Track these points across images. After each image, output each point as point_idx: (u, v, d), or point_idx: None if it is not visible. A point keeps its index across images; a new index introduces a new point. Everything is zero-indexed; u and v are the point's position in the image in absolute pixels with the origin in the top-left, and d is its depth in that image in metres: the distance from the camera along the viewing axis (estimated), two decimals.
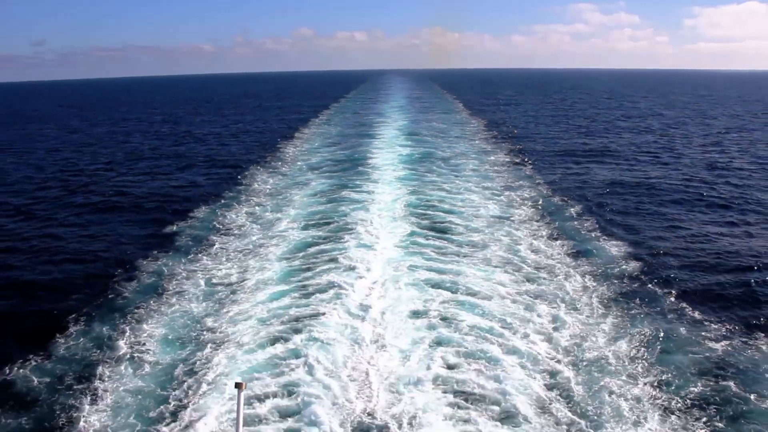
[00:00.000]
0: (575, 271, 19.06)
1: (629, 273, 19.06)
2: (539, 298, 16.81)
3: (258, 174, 36.29)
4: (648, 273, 19.20)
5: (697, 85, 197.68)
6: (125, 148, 52.66)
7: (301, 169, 37.65)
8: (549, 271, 19.01)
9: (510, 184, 32.11)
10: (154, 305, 16.85)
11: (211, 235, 23.43)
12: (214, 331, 15.20)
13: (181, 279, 18.85)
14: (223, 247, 21.97)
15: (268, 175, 36.03)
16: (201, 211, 27.39)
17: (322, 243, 21.58)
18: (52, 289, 18.92)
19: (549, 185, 32.13)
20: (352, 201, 27.57)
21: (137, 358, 14.01)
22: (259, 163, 40.09)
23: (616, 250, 21.33)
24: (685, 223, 26.09)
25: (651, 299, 17.11)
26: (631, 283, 18.23)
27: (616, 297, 17.09)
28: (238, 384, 7.38)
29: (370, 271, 18.55)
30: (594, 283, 18.10)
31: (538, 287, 17.66)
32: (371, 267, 18.94)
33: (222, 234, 23.56)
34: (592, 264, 19.71)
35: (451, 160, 39.36)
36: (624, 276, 18.80)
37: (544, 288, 17.59)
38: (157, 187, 34.65)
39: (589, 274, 18.76)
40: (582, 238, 22.76)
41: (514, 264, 19.55)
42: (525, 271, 18.98)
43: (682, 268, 20.15)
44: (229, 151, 48.93)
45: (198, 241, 22.81)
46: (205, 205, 28.54)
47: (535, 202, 28.06)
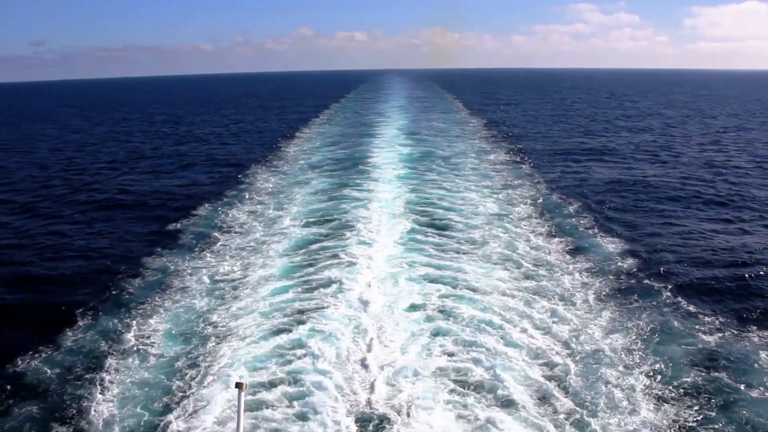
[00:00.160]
0: (573, 267, 19.38)
1: (626, 269, 19.39)
2: (537, 293, 17.14)
3: (259, 173, 36.62)
4: (644, 269, 19.54)
5: (697, 85, 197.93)
6: (127, 147, 53.03)
7: (302, 168, 37.98)
8: (547, 267, 19.33)
9: (509, 182, 32.43)
10: (158, 300, 17.19)
11: (214, 232, 23.77)
12: (217, 324, 15.54)
13: (185, 275, 19.17)
14: (225, 244, 22.30)
15: (269, 174, 36.36)
16: (203, 209, 27.74)
17: (324, 240, 21.92)
18: (60, 284, 19.36)
19: (548, 183, 32.45)
20: (352, 199, 27.90)
21: (143, 351, 14.34)
22: (261, 163, 40.43)
23: (613, 246, 21.65)
24: (681, 220, 26.44)
25: (647, 294, 17.45)
26: (628, 279, 18.57)
27: (612, 292, 17.43)
28: (239, 384, 7.42)
29: (370, 267, 18.87)
30: (591, 278, 18.43)
31: (537, 283, 17.98)
32: (372, 263, 19.26)
33: (225, 231, 23.89)
34: (589, 260, 20.03)
35: (451, 159, 39.70)
36: (621, 272, 19.14)
37: (542, 283, 17.91)
38: (160, 185, 35.00)
39: (587, 270, 19.08)
40: (580, 235, 23.08)
41: (513, 260, 19.86)
42: (523, 267, 19.31)
43: (677, 263, 20.47)
44: (230, 150, 49.27)
45: (201, 238, 23.14)
46: (208, 203, 28.88)
47: (534, 199, 28.38)
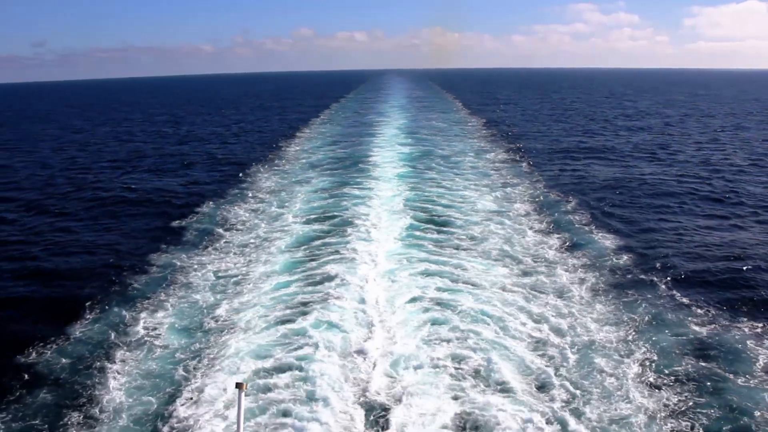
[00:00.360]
0: (570, 261, 19.78)
1: (622, 263, 19.78)
2: (535, 287, 17.53)
3: (261, 172, 37.02)
4: (640, 264, 19.91)
5: (696, 85, 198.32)
6: (129, 147, 53.44)
7: (302, 167, 38.39)
8: (545, 262, 19.72)
9: (508, 180, 32.84)
10: (164, 295, 17.59)
11: (217, 229, 24.19)
12: (221, 317, 15.95)
13: (190, 271, 19.57)
14: (229, 240, 22.71)
15: (270, 173, 36.77)
16: (206, 207, 28.14)
17: (325, 236, 22.33)
18: (69, 278, 19.82)
19: (546, 181, 32.85)
20: (353, 197, 28.31)
21: (149, 342, 14.75)
22: (262, 162, 40.82)
23: (610, 242, 22.04)
24: (677, 216, 26.86)
25: (642, 287, 17.84)
26: (624, 273, 18.95)
27: (609, 286, 17.82)
28: (239, 384, 7.42)
29: (371, 263, 19.28)
30: (588, 273, 18.82)
31: (534, 277, 18.37)
32: (372, 258, 19.67)
33: (227, 229, 24.30)
34: (586, 255, 20.40)
35: (451, 157, 40.11)
36: (617, 266, 19.52)
37: (539, 278, 18.30)
38: (163, 184, 35.41)
39: (584, 265, 19.46)
40: (577, 231, 23.46)
41: (511, 256, 20.26)
42: (521, 262, 19.70)
43: (672, 258, 20.84)
44: (231, 150, 49.66)
45: (204, 235, 23.56)
46: (210, 201, 29.29)
47: (533, 197, 28.78)
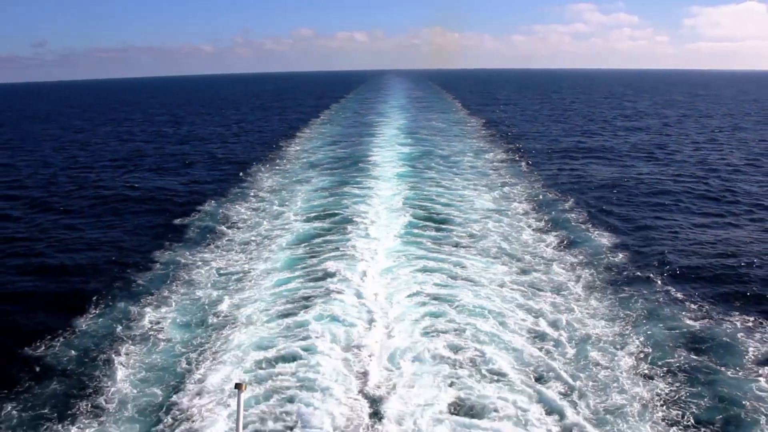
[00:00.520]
0: (568, 258, 20.11)
1: (619, 260, 20.11)
2: (532, 283, 17.87)
3: (261, 171, 37.31)
4: (636, 261, 20.26)
5: (696, 85, 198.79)
6: (130, 146, 53.77)
7: (303, 166, 38.70)
8: (543, 259, 20.05)
9: (507, 180, 33.13)
10: (167, 291, 17.91)
11: (219, 227, 24.49)
12: (224, 312, 16.27)
13: (192, 267, 19.86)
14: (230, 238, 23.01)
15: (271, 172, 37.07)
16: (208, 206, 28.45)
17: (325, 234, 22.64)
18: (74, 274, 20.20)
19: (545, 181, 33.17)
20: (353, 196, 28.61)
21: (153, 337, 15.07)
22: (263, 161, 41.11)
23: (607, 240, 22.36)
24: (673, 214, 27.22)
25: (638, 283, 18.18)
26: (620, 270, 19.27)
27: (604, 282, 18.16)
28: (238, 385, 7.44)
29: (370, 259, 19.57)
30: (585, 269, 19.15)
31: (532, 274, 18.68)
32: (372, 255, 19.96)
33: (229, 227, 24.60)
34: (583, 252, 20.72)
35: (450, 157, 40.42)
36: (613, 263, 19.85)
37: (537, 274, 18.61)
38: (165, 183, 35.74)
39: (581, 262, 19.80)
40: (574, 229, 23.79)
41: (509, 253, 20.57)
42: (519, 259, 20.02)
43: (668, 255, 21.15)
44: (232, 149, 49.98)
45: (206, 232, 23.87)
46: (212, 200, 29.60)
47: (531, 196, 29.09)
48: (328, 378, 12.65)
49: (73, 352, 14.43)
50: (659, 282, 18.37)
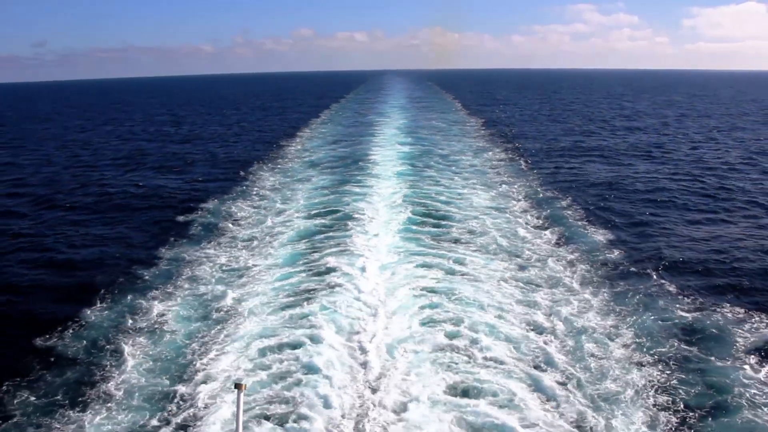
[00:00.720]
0: (564, 254, 20.47)
1: (614, 256, 20.49)
2: (530, 278, 18.22)
3: (263, 170, 37.68)
4: (631, 256, 20.65)
5: (695, 85, 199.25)
6: (132, 146, 54.17)
7: (303, 165, 39.06)
8: (541, 255, 20.40)
9: (505, 179, 33.47)
10: (172, 286, 18.26)
11: (222, 224, 24.87)
12: (228, 305, 16.64)
13: (196, 263, 20.24)
14: (233, 236, 23.37)
15: (272, 171, 37.43)
16: (211, 204, 28.82)
17: (326, 231, 23.02)
18: (82, 269, 20.65)
19: (543, 180, 33.57)
20: (353, 194, 28.96)
21: (159, 329, 15.46)
22: (264, 161, 41.48)
23: (603, 236, 22.73)
24: (669, 212, 27.63)
25: (632, 278, 18.58)
26: (616, 266, 19.65)
27: (600, 277, 18.54)
28: (238, 384, 7.46)
29: (370, 255, 19.93)
30: (581, 265, 19.52)
31: (529, 269, 19.06)
32: (372, 251, 20.35)
33: (231, 224, 24.97)
34: (580, 249, 21.05)
35: (449, 156, 40.76)
36: (609, 259, 20.23)
37: (535, 270, 18.97)
38: (167, 182, 36.15)
39: (578, 258, 20.12)
40: (572, 226, 24.17)
41: (507, 249, 20.95)
42: (517, 255, 20.39)
43: (663, 251, 21.55)
44: (233, 149, 50.35)
45: (210, 230, 24.27)
46: (214, 198, 29.95)
47: (529, 194, 29.45)
48: (330, 366, 13.04)
49: (82, 342, 14.86)
50: (653, 276, 18.78)
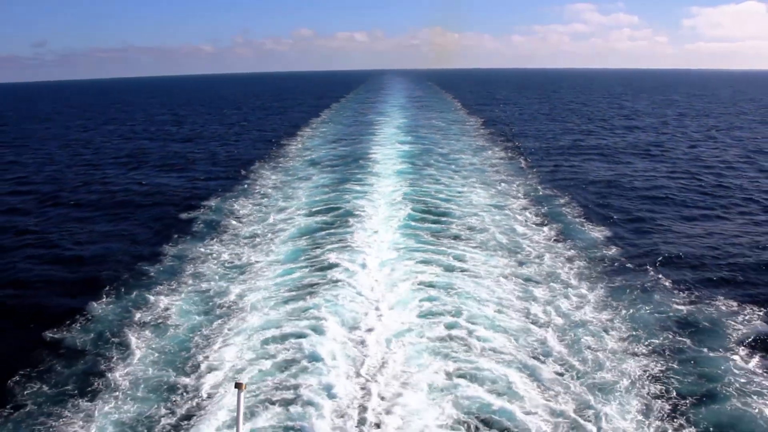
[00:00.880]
0: (562, 250, 20.80)
1: (611, 252, 20.83)
2: (528, 274, 18.56)
3: (264, 169, 37.97)
4: (627, 252, 21.00)
5: (694, 85, 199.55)
6: (134, 145, 54.55)
7: (304, 164, 39.37)
8: (539, 251, 20.72)
9: (505, 177, 33.77)
10: (176, 281, 18.60)
11: (224, 222, 25.19)
12: (231, 299, 17.00)
13: (200, 259, 20.58)
14: (236, 233, 23.68)
15: (273, 170, 37.71)
16: (213, 201, 29.10)
17: (327, 228, 23.33)
18: (88, 264, 21.07)
19: (542, 178, 33.88)
20: (354, 192, 29.28)
21: (163, 322, 15.81)
22: (265, 160, 41.76)
23: (601, 233, 23.05)
24: (666, 209, 28.00)
25: (628, 273, 18.94)
26: (613, 261, 20.00)
27: (597, 272, 18.91)
28: (238, 384, 7.43)
29: (370, 251, 20.22)
30: (579, 260, 19.85)
31: (528, 264, 19.39)
32: (372, 247, 20.65)
33: (233, 221, 25.29)
34: (578, 246, 21.38)
35: (449, 155, 41.07)
36: (606, 255, 20.57)
37: (533, 266, 19.30)
38: (170, 180, 36.50)
39: (575, 254, 20.45)
40: (570, 222, 24.52)
41: (505, 245, 21.26)
42: (515, 251, 20.70)
43: (659, 247, 21.91)
44: (235, 148, 50.65)
45: (212, 227, 24.58)
46: (217, 196, 30.25)
47: (528, 192, 29.75)
48: (332, 357, 13.35)
49: (90, 335, 15.25)
50: (649, 271, 19.10)
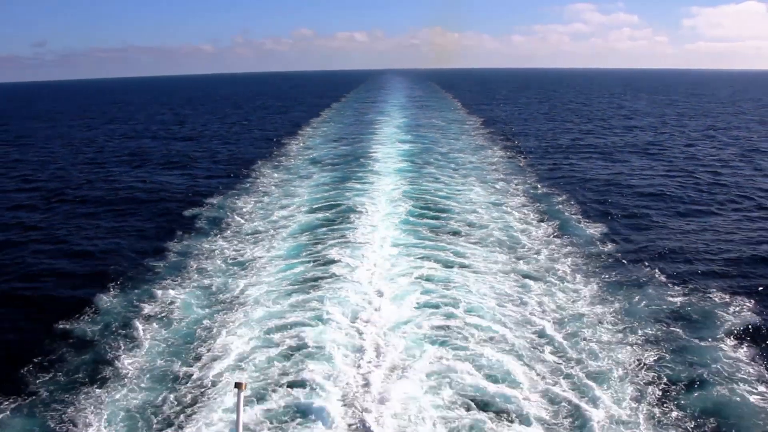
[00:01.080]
0: (560, 246, 21.13)
1: (607, 248, 21.19)
2: (526, 269, 18.89)
3: (265, 168, 38.28)
4: (623, 248, 21.41)
5: (694, 85, 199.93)
6: (136, 144, 54.94)
7: (305, 162, 39.75)
8: (537, 247, 21.05)
9: (504, 176, 34.12)
10: (180, 276, 18.97)
11: (227, 219, 25.55)
12: (234, 293, 17.34)
13: (203, 255, 20.94)
14: (238, 230, 24.03)
15: (274, 168, 38.06)
16: (215, 199, 29.46)
17: (328, 224, 23.68)
18: (95, 259, 21.54)
19: (540, 176, 34.26)
20: (354, 189, 29.64)
21: (166, 316, 16.19)
22: (266, 158, 42.10)
23: (597, 229, 23.40)
24: (662, 206, 28.41)
25: (624, 268, 19.33)
26: (608, 257, 20.36)
27: (595, 266, 19.29)
28: (238, 384, 7.43)
29: (370, 247, 20.56)
30: (576, 256, 20.20)
31: (526, 260, 19.74)
32: (372, 243, 21.01)
33: (237, 218, 25.63)
34: (575, 242, 21.72)
35: (449, 154, 41.46)
36: (602, 251, 20.93)
37: (531, 262, 19.61)
38: (173, 178, 36.89)
39: (573, 251, 20.74)
40: (567, 219, 24.87)
41: (504, 242, 21.61)
42: (513, 246, 21.07)
43: (655, 242, 22.32)
44: (236, 147, 51.00)
45: (216, 224, 24.96)
46: (219, 194, 30.60)
47: (526, 190, 30.13)
48: (332, 348, 13.70)
49: (99, 326, 15.67)
50: (644, 266, 19.48)
